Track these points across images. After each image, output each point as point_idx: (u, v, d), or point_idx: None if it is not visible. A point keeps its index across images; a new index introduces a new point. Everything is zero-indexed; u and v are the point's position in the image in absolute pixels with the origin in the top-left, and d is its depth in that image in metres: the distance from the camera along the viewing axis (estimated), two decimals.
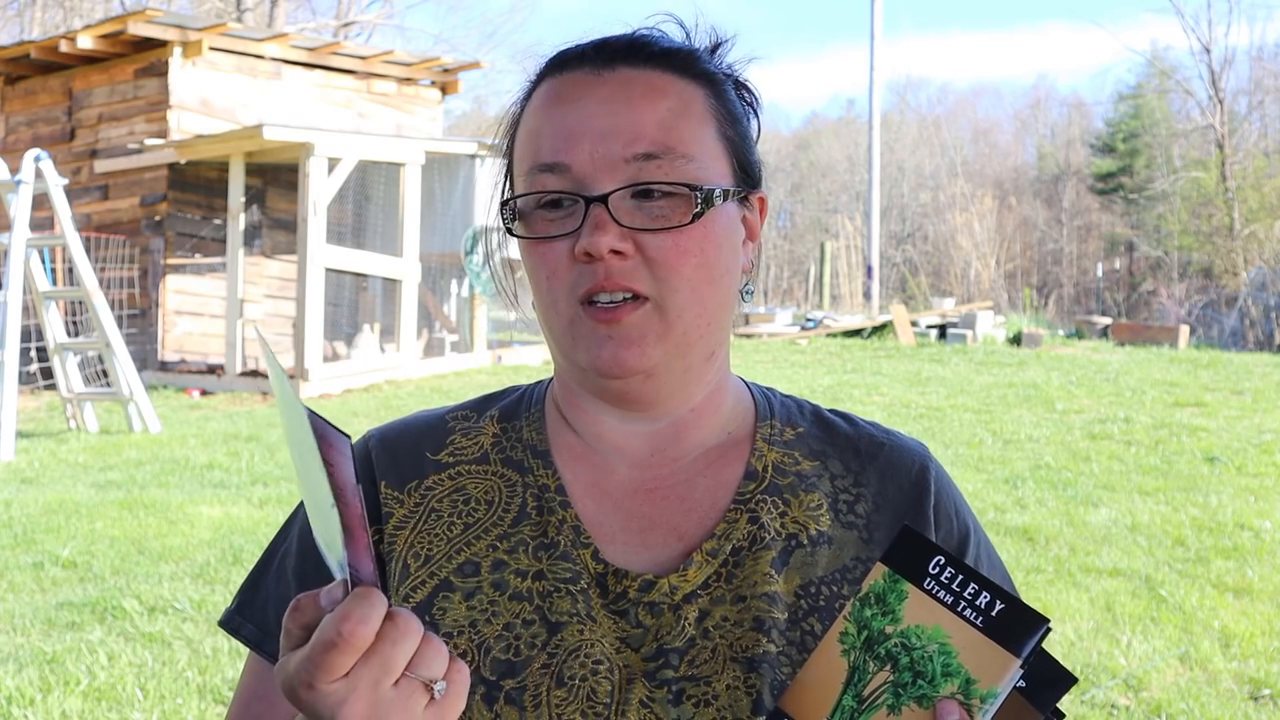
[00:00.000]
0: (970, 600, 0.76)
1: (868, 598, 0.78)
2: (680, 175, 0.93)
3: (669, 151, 0.93)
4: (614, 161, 0.92)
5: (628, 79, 0.96)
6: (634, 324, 0.93)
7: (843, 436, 1.05)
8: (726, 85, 1.01)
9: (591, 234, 0.91)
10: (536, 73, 1.01)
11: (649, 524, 0.99)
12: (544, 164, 0.94)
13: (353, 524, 0.70)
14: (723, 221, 0.96)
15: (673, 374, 0.97)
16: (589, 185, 0.93)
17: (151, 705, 3.54)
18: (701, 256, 0.94)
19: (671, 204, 0.93)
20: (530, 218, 0.96)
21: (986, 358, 13.26)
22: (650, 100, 0.95)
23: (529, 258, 0.97)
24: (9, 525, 5.80)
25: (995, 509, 6.06)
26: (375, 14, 33.15)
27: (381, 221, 13.03)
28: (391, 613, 0.71)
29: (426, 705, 0.71)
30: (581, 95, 0.95)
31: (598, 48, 0.98)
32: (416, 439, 1.05)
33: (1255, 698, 3.75)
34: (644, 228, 0.93)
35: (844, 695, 0.77)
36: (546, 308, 0.96)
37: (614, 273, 0.92)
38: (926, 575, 0.77)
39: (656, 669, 0.92)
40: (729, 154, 0.98)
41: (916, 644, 0.76)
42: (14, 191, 8.62)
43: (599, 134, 0.93)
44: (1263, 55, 37.17)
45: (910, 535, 0.79)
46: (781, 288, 35.38)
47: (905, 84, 52.87)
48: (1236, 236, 28.03)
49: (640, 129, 0.93)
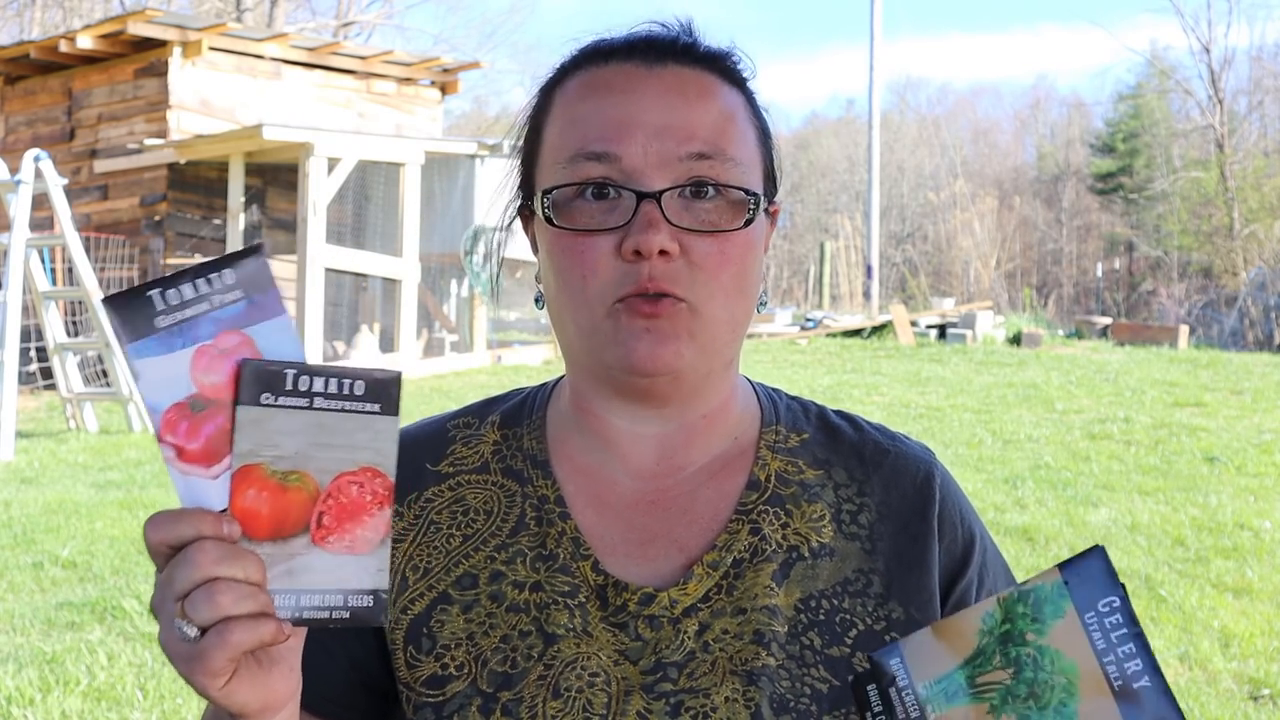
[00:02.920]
0: (1120, 659, 0.72)
1: (1027, 596, 0.74)
2: (732, 178, 0.92)
3: (721, 153, 0.92)
4: (669, 159, 0.91)
5: (680, 76, 0.94)
6: (671, 320, 0.91)
7: (847, 443, 1.04)
8: (757, 95, 1.01)
9: (645, 231, 0.89)
10: (564, 63, 0.99)
11: (650, 536, 0.98)
12: (591, 152, 0.91)
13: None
14: (758, 231, 0.95)
15: (696, 377, 0.96)
16: (639, 180, 0.90)
17: (151, 705, 3.54)
18: (740, 265, 0.93)
19: (718, 209, 0.92)
20: (568, 208, 0.92)
21: (986, 358, 13.26)
22: (704, 100, 0.94)
23: (563, 253, 0.93)
24: (9, 525, 5.80)
25: (995, 509, 6.06)
26: (375, 14, 33.15)
27: (381, 221, 13.03)
28: (201, 539, 0.71)
29: (184, 644, 0.72)
30: (634, 87, 0.93)
31: (645, 41, 0.96)
32: (416, 451, 1.04)
33: (1255, 698, 3.75)
34: (693, 229, 0.91)
35: (959, 669, 0.74)
36: (577, 304, 0.93)
37: (657, 274, 0.90)
38: (1093, 609, 0.73)
39: (654, 682, 0.91)
40: (763, 164, 0.98)
41: (1048, 667, 0.73)
42: (14, 191, 8.61)
43: (654, 128, 0.91)
44: (1263, 55, 37.19)
45: (1100, 559, 0.74)
46: (781, 288, 35.38)
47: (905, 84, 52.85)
48: (1236, 236, 28.03)
49: (695, 128, 0.92)
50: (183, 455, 0.71)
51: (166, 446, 0.71)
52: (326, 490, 0.74)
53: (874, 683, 0.76)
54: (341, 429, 0.73)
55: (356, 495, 0.75)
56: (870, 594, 0.96)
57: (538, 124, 0.99)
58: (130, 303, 0.70)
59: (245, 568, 0.72)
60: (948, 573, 0.99)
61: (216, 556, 0.71)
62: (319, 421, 0.72)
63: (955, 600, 0.99)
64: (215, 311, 0.70)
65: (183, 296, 0.69)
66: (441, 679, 0.94)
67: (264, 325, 0.71)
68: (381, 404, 0.74)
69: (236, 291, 0.70)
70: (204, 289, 0.69)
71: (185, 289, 0.69)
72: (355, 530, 0.75)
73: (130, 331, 0.70)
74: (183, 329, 0.69)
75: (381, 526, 0.76)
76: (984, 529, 1.06)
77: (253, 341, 0.71)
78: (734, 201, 0.92)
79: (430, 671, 0.94)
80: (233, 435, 0.71)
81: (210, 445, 0.71)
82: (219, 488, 0.72)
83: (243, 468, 0.71)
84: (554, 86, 0.99)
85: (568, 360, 1.02)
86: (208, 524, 0.72)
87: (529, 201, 0.99)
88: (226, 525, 0.72)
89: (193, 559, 0.71)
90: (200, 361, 0.70)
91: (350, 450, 0.74)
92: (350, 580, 0.76)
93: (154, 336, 0.69)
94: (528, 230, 1.03)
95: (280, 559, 0.74)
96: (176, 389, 0.70)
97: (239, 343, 0.71)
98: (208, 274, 0.70)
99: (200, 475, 0.71)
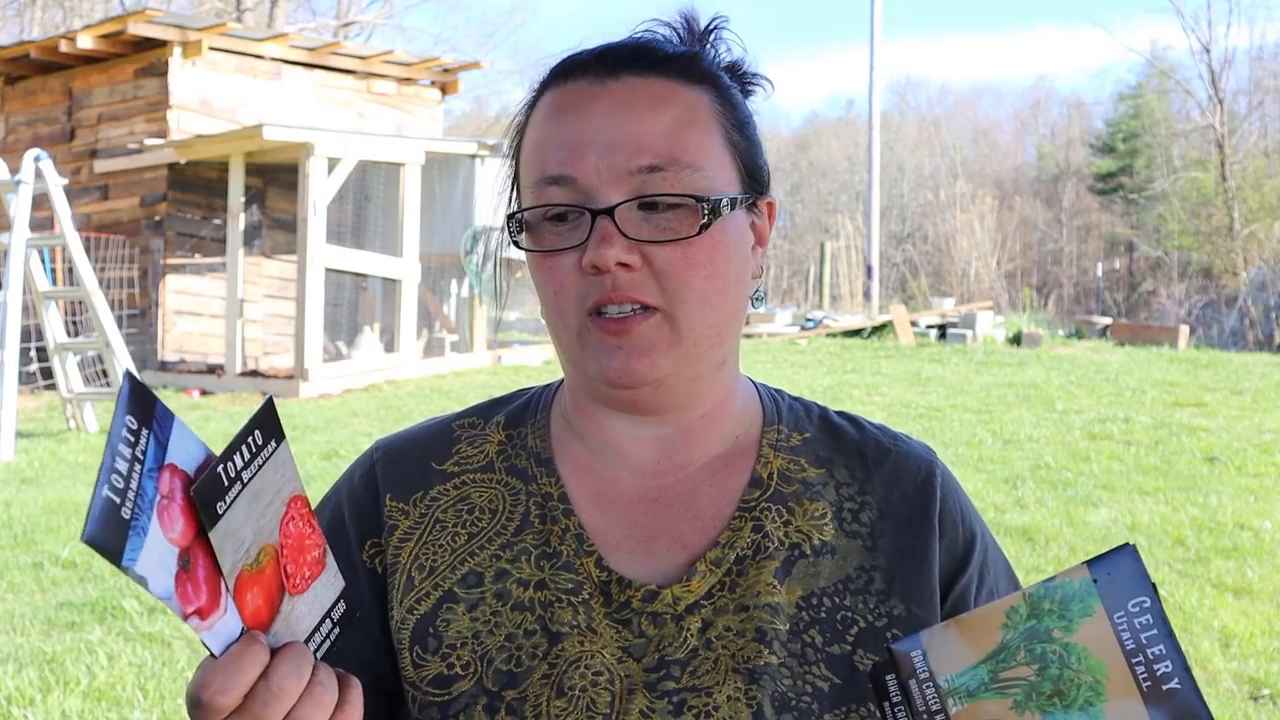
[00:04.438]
0: (1149, 660, 0.70)
1: (1054, 592, 0.73)
2: (686, 186, 0.92)
3: (675, 163, 0.92)
4: (619, 174, 0.92)
5: (632, 88, 0.95)
6: (643, 334, 0.92)
7: (849, 442, 1.04)
8: (731, 85, 1.00)
9: (598, 247, 0.90)
10: (540, 81, 1.00)
11: (653, 533, 0.98)
12: (550, 176, 0.93)
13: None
14: (731, 230, 0.95)
15: (683, 382, 0.97)
16: (595, 197, 0.92)
17: (151, 705, 3.54)
18: (711, 267, 0.93)
19: (678, 216, 0.92)
20: (537, 230, 0.95)
21: (986, 358, 13.26)
22: (655, 110, 0.94)
23: (536, 271, 0.96)
24: (9, 525, 5.80)
25: (995, 509, 6.06)
26: (375, 14, 33.16)
27: (381, 221, 13.02)
28: (267, 671, 0.71)
29: None
30: (585, 105, 0.94)
31: (600, 56, 0.97)
32: (423, 450, 1.05)
33: (1255, 698, 3.75)
34: (651, 240, 0.92)
35: (982, 664, 0.73)
36: (555, 319, 0.96)
37: (621, 285, 0.91)
38: (1123, 609, 0.71)
39: (658, 680, 0.92)
40: (736, 160, 0.97)
41: (1075, 665, 0.72)
42: (14, 191, 8.62)
43: (604, 146, 0.92)
44: (1263, 55, 37.18)
45: (1130, 557, 0.72)
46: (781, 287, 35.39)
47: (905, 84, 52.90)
48: (1236, 236, 28.03)
49: (645, 140, 0.92)
50: (202, 613, 0.69)
51: (191, 619, 0.69)
52: (278, 545, 0.75)
53: (893, 673, 0.75)
54: (266, 485, 0.73)
55: (296, 530, 0.76)
56: (871, 591, 0.97)
57: (518, 144, 1.01)
58: (102, 527, 0.65)
59: (300, 665, 0.74)
60: (948, 570, 1.00)
61: (289, 682, 0.72)
62: (253, 492, 0.72)
63: (955, 598, 0.99)
64: (143, 464, 0.66)
65: (122, 474, 0.65)
66: (447, 678, 0.94)
67: (171, 443, 0.69)
68: (274, 436, 0.74)
69: (141, 431, 0.67)
70: (126, 451, 0.65)
71: (119, 464, 0.65)
72: (306, 559, 0.77)
73: (115, 551, 0.66)
74: (138, 507, 0.66)
75: (319, 539, 0.78)
76: (985, 528, 1.06)
77: (175, 464, 0.69)
78: (691, 208, 0.93)
79: (436, 671, 0.95)
80: (216, 561, 0.70)
81: (210, 587, 0.70)
82: (232, 616, 0.71)
83: (235, 582, 0.71)
84: (531, 106, 1.00)
85: (563, 368, 1.04)
86: (257, 658, 0.72)
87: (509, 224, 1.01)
88: (260, 647, 0.72)
89: (277, 695, 0.72)
90: (164, 522, 0.67)
91: (277, 497, 0.74)
92: (326, 600, 0.79)
93: (129, 537, 0.66)
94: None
95: (283, 629, 0.76)
96: (167, 563, 0.67)
97: (170, 478, 0.68)
98: (125, 435, 0.66)
99: (218, 617, 0.70)
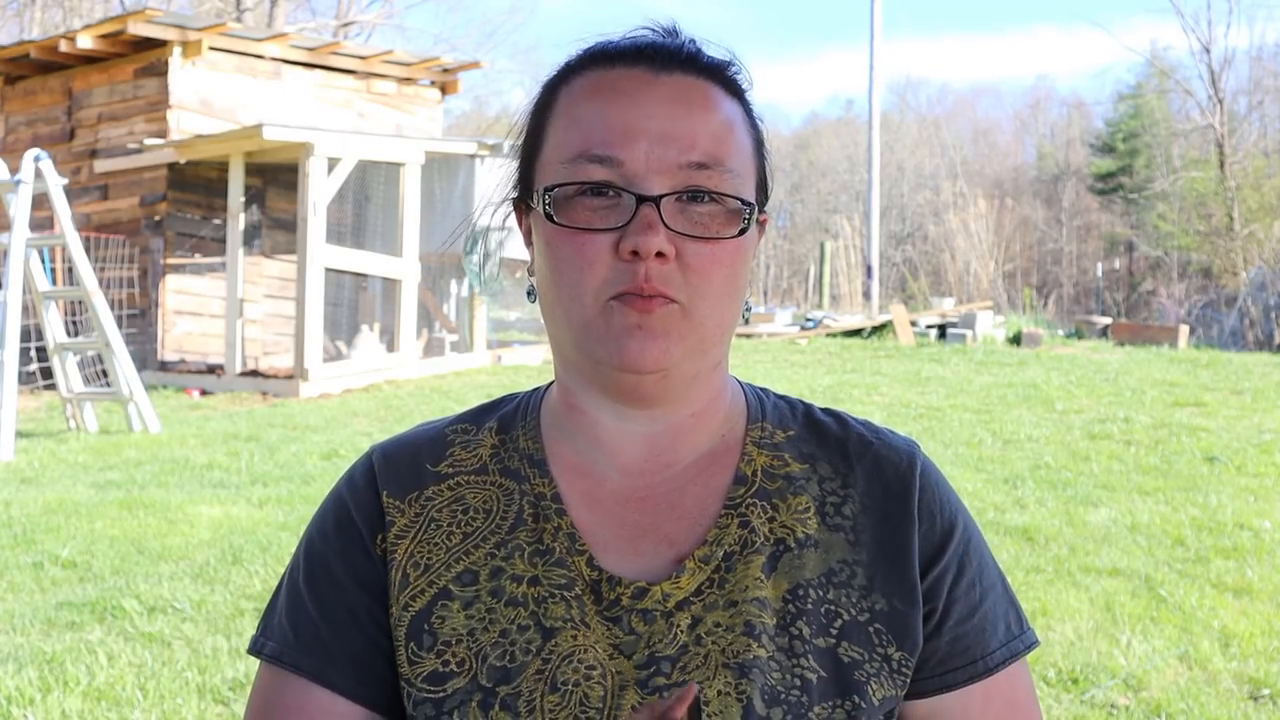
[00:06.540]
0: None
1: None
2: (729, 188, 0.95)
3: (720, 164, 0.94)
4: (669, 166, 0.93)
5: (685, 85, 0.96)
6: (663, 318, 0.93)
7: (832, 438, 1.06)
8: (752, 102, 1.03)
9: (643, 233, 0.91)
10: (574, 59, 1.00)
11: (640, 532, 0.99)
12: (594, 154, 0.93)
13: None
14: (750, 239, 0.98)
15: (684, 377, 0.98)
16: (640, 184, 0.92)
17: (151, 705, 3.54)
18: (731, 269, 0.95)
19: (714, 214, 0.94)
20: (568, 205, 0.94)
21: (986, 358, 13.26)
22: (706, 110, 0.96)
23: (562, 246, 0.94)
24: (9, 525, 5.80)
25: (995, 509, 6.06)
26: (375, 14, 33.16)
27: (381, 221, 13.03)
28: None
29: None
30: (639, 92, 0.95)
31: (654, 48, 0.98)
32: (416, 452, 1.06)
33: (1255, 698, 3.75)
34: (688, 234, 0.93)
35: None
36: (569, 299, 0.95)
37: (653, 275, 0.92)
38: None
39: (648, 677, 0.93)
40: (756, 174, 1.00)
41: None
42: (14, 191, 8.61)
43: (656, 135, 0.93)
44: (1262, 55, 37.18)
45: None
46: (781, 287, 35.38)
47: (905, 84, 52.91)
48: (1236, 236, 28.01)
49: (697, 137, 0.94)
50: None
51: None
52: None
53: None
54: None
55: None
56: (854, 585, 0.98)
57: (540, 120, 1.00)
58: None
59: None
60: (924, 558, 1.00)
61: None
62: None
63: (928, 587, 1.00)
64: None
65: None
66: (442, 675, 0.95)
67: None
68: None
69: None
70: None
71: None
72: None
73: None
74: None
75: None
76: (972, 524, 1.06)
77: None
78: (729, 210, 0.95)
79: (431, 668, 0.96)
80: None
81: None
82: None
83: None
84: (559, 84, 1.00)
85: (557, 357, 1.03)
86: None
87: (527, 196, 1.00)
88: None
89: None
90: None
91: None
92: None
93: None
94: (522, 224, 1.04)
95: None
96: None
97: None
98: None
99: None
